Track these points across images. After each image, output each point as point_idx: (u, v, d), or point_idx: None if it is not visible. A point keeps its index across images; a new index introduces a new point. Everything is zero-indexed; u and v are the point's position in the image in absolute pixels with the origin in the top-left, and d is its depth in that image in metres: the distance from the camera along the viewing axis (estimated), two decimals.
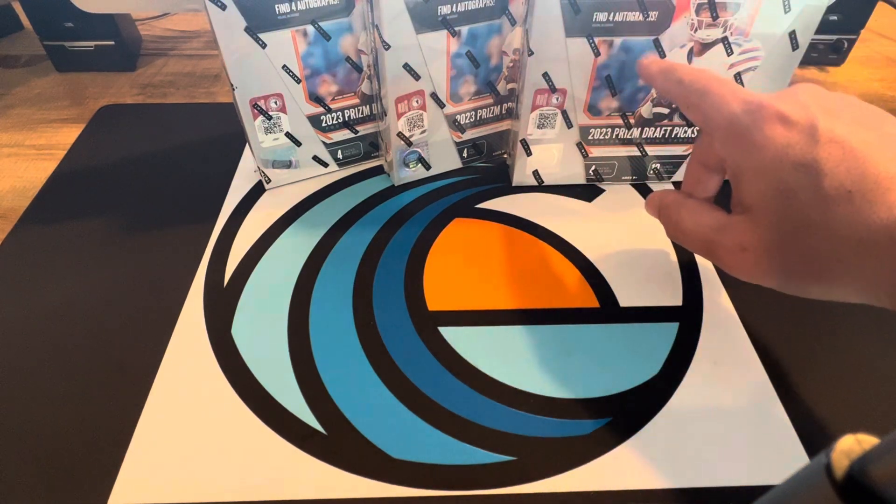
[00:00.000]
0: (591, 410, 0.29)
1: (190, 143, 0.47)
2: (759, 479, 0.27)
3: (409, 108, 0.39)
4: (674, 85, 0.28)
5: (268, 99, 0.38)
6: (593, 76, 0.37)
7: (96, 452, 0.28)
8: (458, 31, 0.36)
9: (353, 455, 0.28)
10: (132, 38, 0.60)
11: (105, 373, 0.31)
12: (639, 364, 0.32)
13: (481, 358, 0.32)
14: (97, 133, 0.49)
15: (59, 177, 0.44)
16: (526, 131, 0.39)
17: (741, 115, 0.25)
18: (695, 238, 0.28)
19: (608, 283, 0.36)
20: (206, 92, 0.55)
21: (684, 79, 0.28)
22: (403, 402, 0.30)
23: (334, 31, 0.37)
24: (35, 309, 0.34)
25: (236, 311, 0.34)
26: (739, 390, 0.30)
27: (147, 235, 0.39)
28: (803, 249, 0.23)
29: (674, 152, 0.41)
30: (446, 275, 0.36)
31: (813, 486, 0.13)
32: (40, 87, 0.56)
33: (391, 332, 0.33)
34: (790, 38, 0.35)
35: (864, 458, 0.12)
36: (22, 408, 0.29)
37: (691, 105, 0.27)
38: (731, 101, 0.25)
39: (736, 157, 0.25)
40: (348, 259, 0.37)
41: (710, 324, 0.34)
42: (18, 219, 0.40)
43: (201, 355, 0.32)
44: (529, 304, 0.35)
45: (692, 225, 0.28)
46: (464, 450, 0.28)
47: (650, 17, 0.34)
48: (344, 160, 0.44)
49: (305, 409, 0.29)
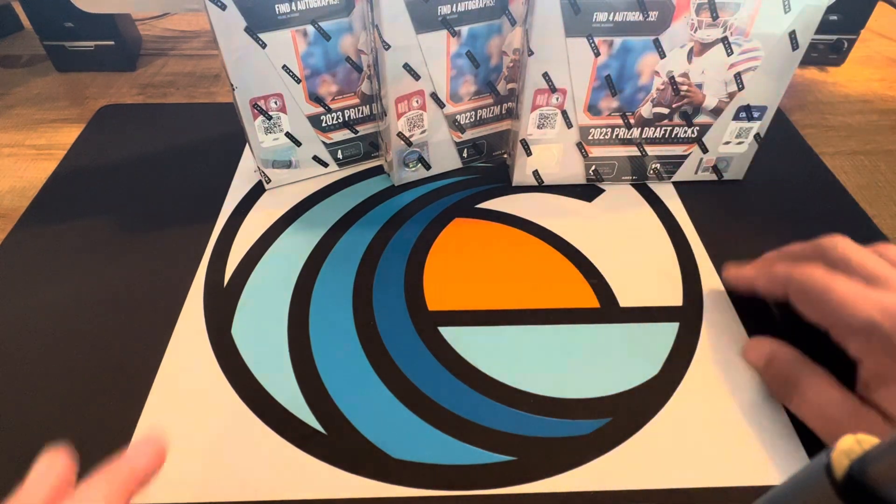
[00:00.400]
0: (591, 410, 0.29)
1: (190, 143, 0.47)
2: (759, 479, 0.27)
3: (409, 108, 0.39)
4: (780, 284, 0.29)
5: (268, 99, 0.38)
6: (593, 76, 0.37)
7: (97, 452, 0.28)
8: (458, 31, 0.36)
9: (353, 455, 0.28)
10: (132, 38, 0.60)
11: (105, 373, 0.31)
12: (639, 364, 0.32)
13: (481, 358, 0.32)
14: (97, 133, 0.49)
15: (59, 177, 0.44)
16: (526, 131, 0.39)
17: (882, 324, 0.25)
18: (818, 412, 0.27)
19: (608, 283, 0.36)
20: (206, 92, 0.55)
21: (793, 275, 0.28)
22: (403, 402, 0.30)
23: (334, 31, 0.37)
24: (35, 309, 0.34)
25: (236, 311, 0.34)
26: (739, 390, 0.30)
27: (147, 235, 0.39)
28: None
29: (674, 152, 0.41)
30: (446, 275, 0.36)
31: (813, 486, 0.13)
32: (40, 87, 0.56)
33: (391, 332, 0.33)
34: (790, 38, 0.35)
35: (864, 458, 0.12)
36: (22, 408, 0.29)
37: (811, 302, 0.27)
38: (862, 306, 0.25)
39: (881, 364, 0.25)
40: (348, 259, 0.37)
41: (710, 324, 0.34)
42: (18, 219, 0.40)
43: (201, 355, 0.32)
44: (529, 304, 0.35)
45: (819, 398, 0.27)
46: (464, 450, 0.28)
47: (650, 17, 0.34)
48: (344, 160, 0.44)
49: (305, 409, 0.29)
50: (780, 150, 0.46)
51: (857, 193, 0.43)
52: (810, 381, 0.27)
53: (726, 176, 0.43)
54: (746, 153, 0.42)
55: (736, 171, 0.43)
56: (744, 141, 0.41)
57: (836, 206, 0.42)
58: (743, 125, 0.40)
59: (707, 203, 0.42)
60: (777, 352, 0.29)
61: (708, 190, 0.42)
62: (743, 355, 0.31)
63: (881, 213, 0.42)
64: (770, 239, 0.39)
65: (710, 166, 0.42)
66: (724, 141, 0.41)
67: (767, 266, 0.31)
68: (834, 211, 0.41)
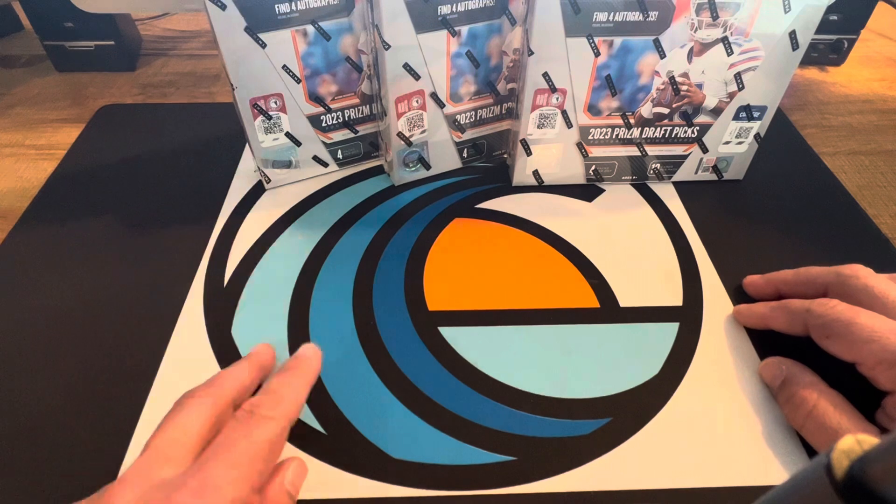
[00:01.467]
0: (591, 410, 0.29)
1: (190, 143, 0.47)
2: (759, 479, 0.27)
3: (409, 108, 0.39)
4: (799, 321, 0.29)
5: (268, 99, 0.38)
6: (593, 76, 0.37)
7: (97, 452, 0.28)
8: (458, 30, 0.36)
9: (353, 455, 0.28)
10: (132, 38, 0.60)
11: (105, 373, 0.31)
12: (639, 364, 0.32)
13: (481, 358, 0.32)
14: (97, 133, 0.49)
15: (59, 177, 0.44)
16: (526, 131, 0.39)
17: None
18: (831, 435, 0.26)
19: (608, 283, 0.36)
20: (206, 92, 0.55)
21: (813, 311, 0.28)
22: (403, 402, 0.30)
23: (334, 31, 0.37)
24: (35, 309, 0.34)
25: (236, 311, 0.34)
26: (739, 390, 0.30)
27: (147, 235, 0.39)
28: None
29: (674, 152, 0.41)
30: (446, 275, 0.36)
31: (813, 486, 0.13)
32: (40, 87, 0.56)
33: (391, 332, 0.33)
34: (790, 38, 0.35)
35: (864, 458, 0.12)
36: (21, 408, 0.29)
37: (834, 337, 0.27)
38: (891, 338, 0.25)
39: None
40: (348, 259, 0.37)
41: (710, 324, 0.34)
42: (18, 219, 0.40)
43: (201, 355, 0.32)
44: (529, 304, 0.35)
45: (831, 421, 0.26)
46: (464, 450, 0.28)
47: (650, 17, 0.34)
48: (344, 160, 0.44)
49: (305, 409, 0.29)
50: (780, 150, 0.46)
51: (857, 193, 0.43)
52: (830, 404, 0.27)
53: (726, 176, 0.43)
54: (746, 153, 0.42)
55: (736, 171, 0.43)
56: (744, 141, 0.41)
57: (836, 206, 0.42)
58: (743, 125, 0.40)
59: (707, 203, 0.42)
60: (792, 374, 0.29)
61: (708, 190, 0.42)
62: (759, 373, 0.31)
63: (881, 214, 0.42)
64: (770, 239, 0.39)
65: (710, 166, 0.42)
66: (724, 141, 0.41)
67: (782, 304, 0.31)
68: (834, 211, 0.41)
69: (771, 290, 0.34)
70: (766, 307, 0.32)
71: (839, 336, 0.27)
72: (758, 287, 0.34)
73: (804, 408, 0.27)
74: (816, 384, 0.28)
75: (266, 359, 0.29)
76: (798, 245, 0.38)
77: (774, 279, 0.34)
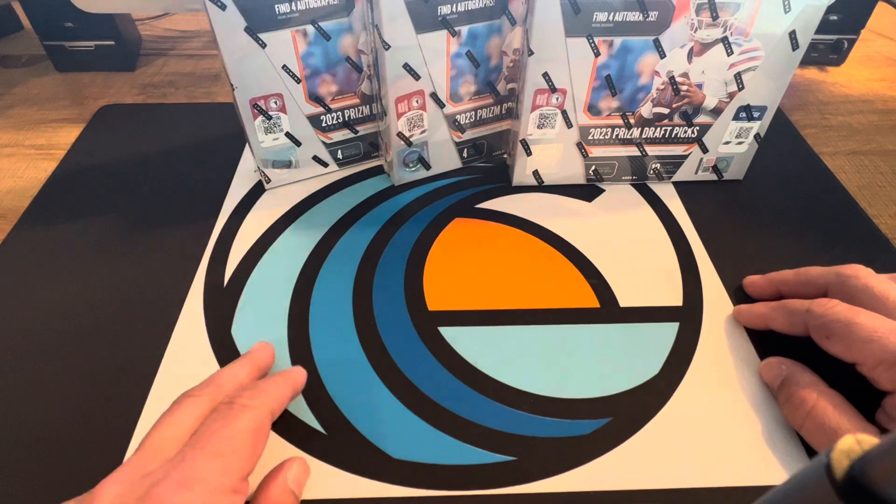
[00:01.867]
0: (591, 410, 0.29)
1: (190, 143, 0.47)
2: (759, 479, 0.27)
3: (409, 108, 0.39)
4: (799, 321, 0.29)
5: (268, 99, 0.38)
6: (593, 76, 0.37)
7: (97, 452, 0.28)
8: (458, 30, 0.36)
9: (353, 455, 0.28)
10: (132, 38, 0.60)
11: (105, 372, 0.31)
12: (639, 364, 0.32)
13: (481, 358, 0.32)
14: (97, 133, 0.49)
15: (59, 177, 0.44)
16: (526, 131, 0.39)
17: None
18: (830, 435, 0.26)
19: (608, 283, 0.36)
20: (206, 92, 0.55)
21: (813, 312, 0.28)
22: (403, 402, 0.30)
23: (334, 31, 0.37)
24: (35, 309, 0.34)
25: (236, 311, 0.34)
26: (739, 390, 0.30)
27: (147, 235, 0.39)
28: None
29: (674, 152, 0.41)
30: (446, 275, 0.36)
31: (813, 486, 0.13)
32: (40, 87, 0.56)
33: (391, 332, 0.33)
34: (790, 38, 0.35)
35: (864, 458, 0.12)
36: (21, 408, 0.29)
37: (835, 338, 0.27)
38: (889, 337, 0.25)
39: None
40: (348, 259, 0.37)
41: (710, 324, 0.34)
42: (18, 219, 0.40)
43: (201, 355, 0.32)
44: (529, 304, 0.35)
45: (831, 421, 0.26)
46: (464, 450, 0.28)
47: (650, 17, 0.34)
48: (344, 160, 0.44)
49: (305, 409, 0.29)
50: (780, 150, 0.46)
51: (857, 193, 0.43)
52: (830, 403, 0.27)
53: (726, 176, 0.43)
54: (746, 153, 0.42)
55: (736, 171, 0.43)
56: (744, 141, 0.41)
57: (836, 206, 0.42)
58: (743, 125, 0.40)
59: (707, 203, 0.42)
60: (792, 374, 0.29)
61: (708, 190, 0.42)
62: (759, 373, 0.31)
63: (881, 214, 0.42)
64: (770, 239, 0.39)
65: (711, 166, 0.42)
66: (724, 141, 0.41)
67: (782, 304, 0.31)
68: (834, 211, 0.41)
69: (771, 290, 0.34)
70: (767, 307, 0.32)
71: (839, 336, 0.27)
72: (758, 287, 0.34)
73: (804, 408, 0.27)
74: (816, 384, 0.28)
75: (265, 357, 0.29)
76: (798, 245, 0.38)
77: (774, 279, 0.34)
